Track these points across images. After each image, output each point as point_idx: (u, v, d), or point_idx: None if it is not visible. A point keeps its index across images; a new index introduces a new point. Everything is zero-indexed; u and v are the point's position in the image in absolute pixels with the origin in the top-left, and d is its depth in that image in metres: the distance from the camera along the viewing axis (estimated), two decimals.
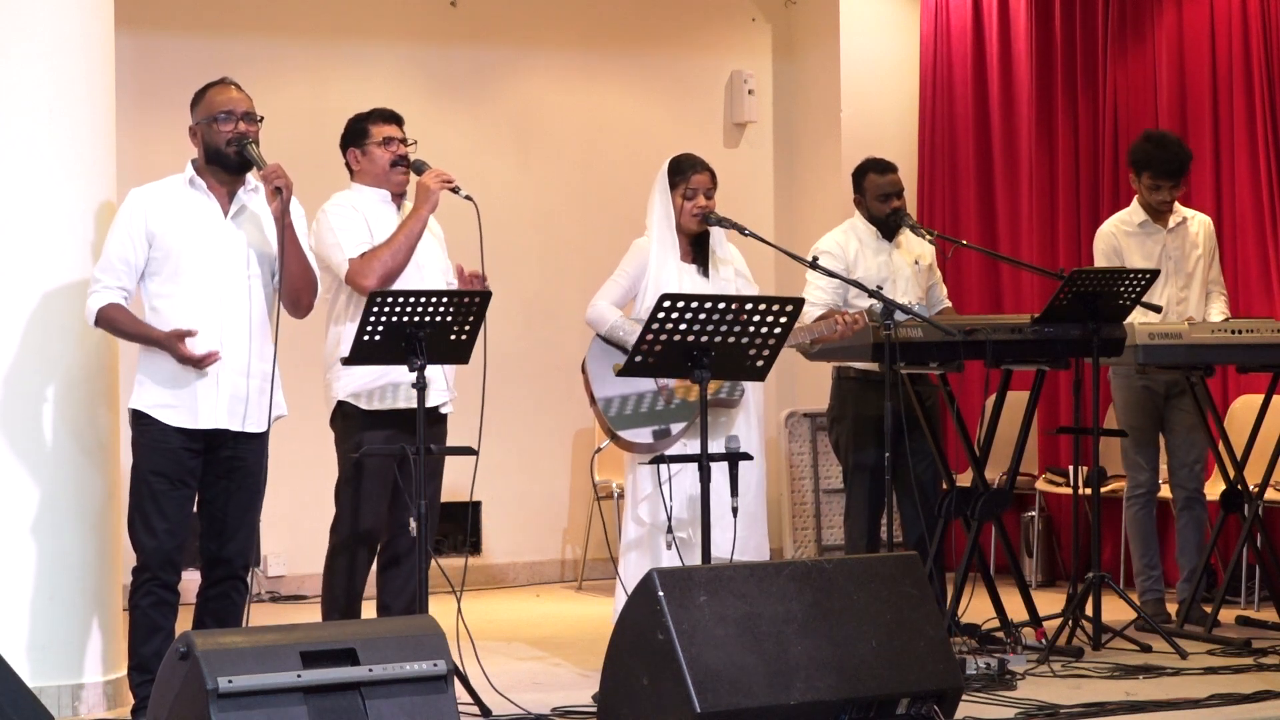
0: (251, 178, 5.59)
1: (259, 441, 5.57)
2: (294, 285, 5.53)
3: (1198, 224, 7.57)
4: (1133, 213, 7.54)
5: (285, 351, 7.24)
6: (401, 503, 5.85)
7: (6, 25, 5.86)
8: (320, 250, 5.97)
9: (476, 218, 5.77)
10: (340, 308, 6.01)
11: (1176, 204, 7.53)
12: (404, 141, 6.11)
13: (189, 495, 5.51)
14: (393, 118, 6.16)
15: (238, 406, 5.49)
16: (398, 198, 6.12)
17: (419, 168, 6.05)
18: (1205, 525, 7.49)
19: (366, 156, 6.11)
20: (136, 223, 5.48)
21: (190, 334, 5.37)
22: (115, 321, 5.49)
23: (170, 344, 5.38)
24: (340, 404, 6.00)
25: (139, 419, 5.49)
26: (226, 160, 5.51)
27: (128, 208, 5.53)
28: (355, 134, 6.15)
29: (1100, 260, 7.49)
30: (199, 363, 5.39)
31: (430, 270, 6.04)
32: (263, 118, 5.59)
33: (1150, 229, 7.47)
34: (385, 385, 5.90)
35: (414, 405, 5.59)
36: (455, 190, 5.94)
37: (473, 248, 5.88)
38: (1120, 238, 7.47)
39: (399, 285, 5.84)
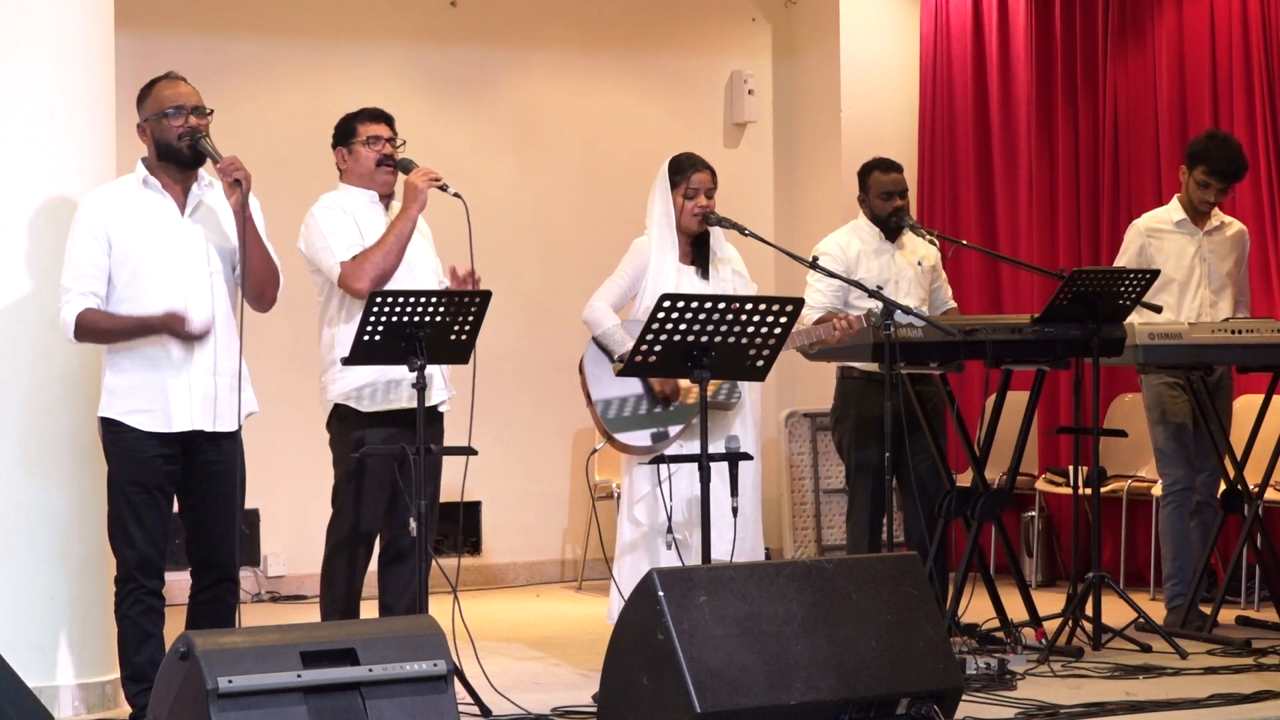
0: (205, 173, 5.48)
1: (233, 440, 5.46)
2: (257, 279, 5.42)
3: (1235, 230, 7.54)
4: (1171, 210, 7.48)
5: (285, 352, 7.25)
6: (401, 502, 5.82)
7: (7, 26, 5.86)
8: (310, 253, 5.93)
9: (466, 215, 5.71)
10: (333, 310, 5.95)
11: (1216, 209, 7.49)
12: (391, 141, 6.04)
13: (166, 501, 5.43)
14: (381, 116, 6.07)
15: (209, 405, 5.39)
16: (385, 198, 6.05)
17: (405, 166, 5.97)
18: (1212, 530, 7.47)
19: (353, 156, 6.03)
20: (96, 226, 5.36)
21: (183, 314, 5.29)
22: (96, 324, 5.35)
23: (170, 324, 5.28)
24: (336, 406, 5.94)
25: (110, 426, 5.39)
26: (179, 155, 5.39)
27: (85, 212, 5.41)
28: (343, 133, 6.09)
29: (1124, 253, 7.46)
30: (198, 335, 5.31)
31: (421, 269, 5.99)
32: (212, 111, 5.46)
33: (1188, 229, 7.41)
34: (382, 385, 5.85)
35: (412, 404, 5.58)
36: (443, 188, 5.86)
37: (463, 245, 5.81)
38: (1153, 235, 7.41)
39: (391, 286, 5.79)
